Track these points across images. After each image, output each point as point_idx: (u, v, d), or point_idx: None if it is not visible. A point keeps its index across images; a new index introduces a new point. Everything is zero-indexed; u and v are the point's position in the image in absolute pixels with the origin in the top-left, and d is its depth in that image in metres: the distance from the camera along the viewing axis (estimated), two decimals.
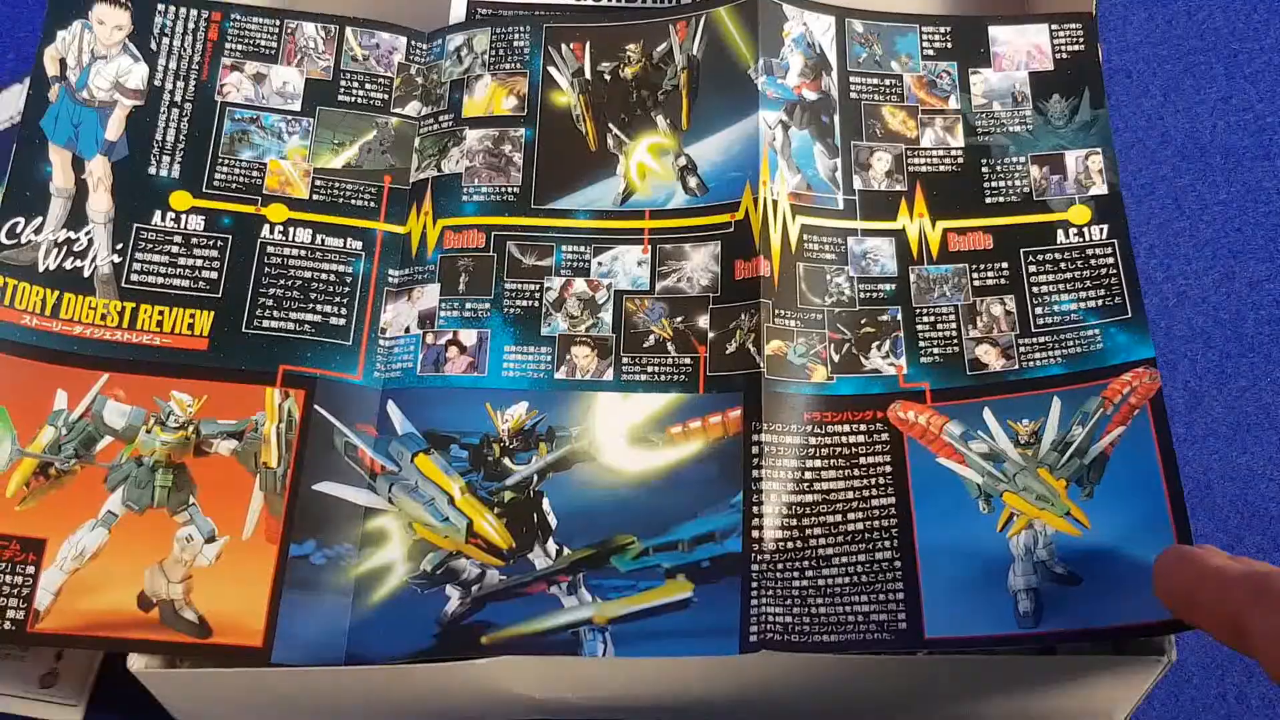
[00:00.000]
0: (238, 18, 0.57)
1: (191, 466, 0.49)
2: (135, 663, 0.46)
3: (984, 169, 0.55)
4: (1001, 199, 0.54)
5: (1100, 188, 0.53)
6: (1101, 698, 0.48)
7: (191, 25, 0.57)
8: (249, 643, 0.46)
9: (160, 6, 0.57)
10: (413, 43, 0.59)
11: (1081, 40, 0.57)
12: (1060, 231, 0.53)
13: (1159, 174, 0.66)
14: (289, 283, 0.53)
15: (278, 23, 0.57)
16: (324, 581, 0.48)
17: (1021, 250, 0.53)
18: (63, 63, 0.54)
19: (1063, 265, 0.52)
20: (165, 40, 0.56)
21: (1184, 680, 0.55)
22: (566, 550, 0.48)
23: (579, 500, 0.49)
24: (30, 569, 0.46)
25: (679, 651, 0.46)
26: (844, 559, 0.47)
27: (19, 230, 0.51)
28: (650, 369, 0.52)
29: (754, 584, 0.47)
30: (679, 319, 0.52)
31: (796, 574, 0.47)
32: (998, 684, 0.48)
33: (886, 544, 0.47)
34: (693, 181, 0.55)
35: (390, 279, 0.54)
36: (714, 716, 0.51)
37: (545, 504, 0.49)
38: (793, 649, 0.46)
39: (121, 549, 0.47)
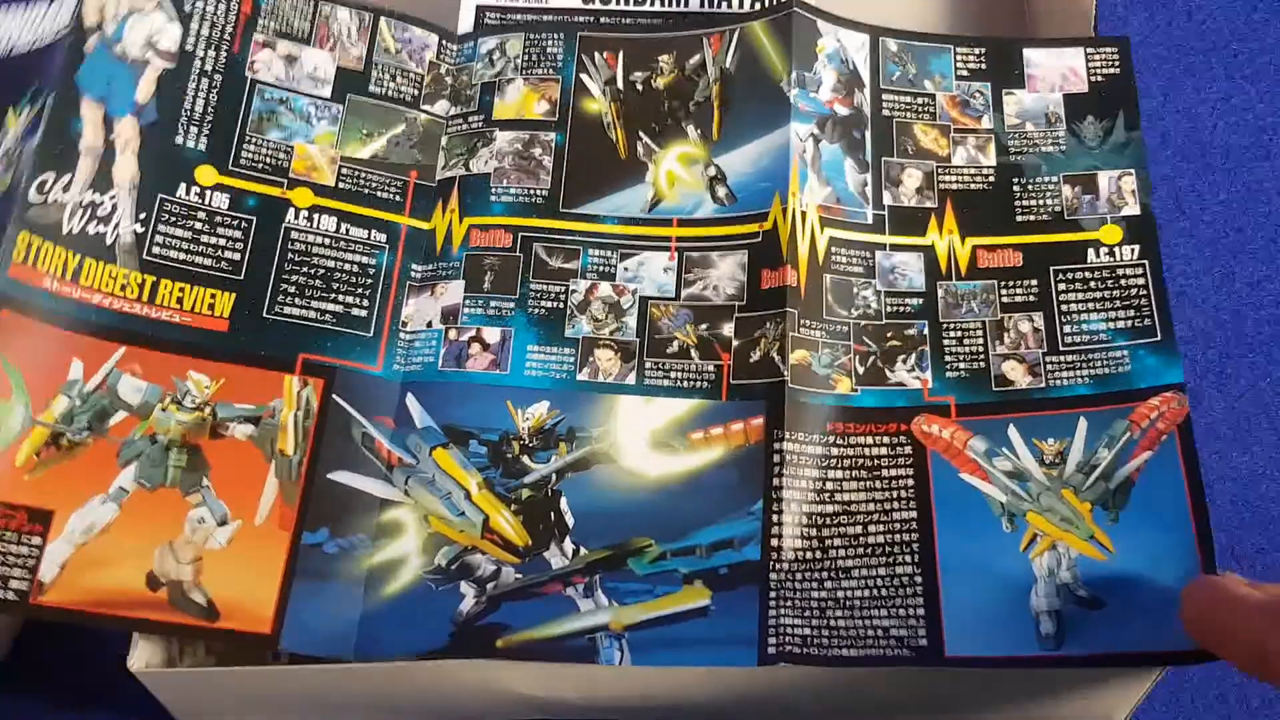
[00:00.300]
0: None
1: (206, 448, 0.48)
2: (135, 661, 0.45)
3: (1015, 188, 0.55)
4: (1032, 217, 0.54)
5: (1133, 208, 0.53)
6: (1101, 698, 0.48)
7: None
8: (257, 629, 0.45)
9: None
10: (444, 42, 0.59)
11: (1117, 64, 0.57)
12: (1091, 250, 0.52)
13: (1159, 174, 0.66)
14: (312, 271, 0.53)
15: (312, 5, 0.57)
16: (336, 571, 0.47)
17: (1051, 268, 0.52)
18: (102, 11, 0.54)
19: (1092, 284, 0.52)
20: (200, 4, 0.55)
21: (1184, 680, 0.54)
22: (583, 550, 0.48)
23: (597, 501, 0.49)
24: (37, 540, 0.45)
25: (696, 661, 0.45)
26: (864, 571, 0.47)
27: (47, 187, 0.50)
28: (673, 374, 0.51)
29: (772, 593, 0.46)
30: (703, 326, 0.52)
31: (815, 585, 0.46)
32: (998, 685, 0.47)
33: (907, 558, 0.47)
34: (721, 191, 0.55)
35: (413, 273, 0.54)
36: (717, 717, 0.51)
37: (563, 503, 0.49)
38: (811, 662, 0.45)
39: (131, 526, 0.46)
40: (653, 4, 0.62)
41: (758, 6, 0.61)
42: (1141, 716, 0.51)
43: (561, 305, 0.53)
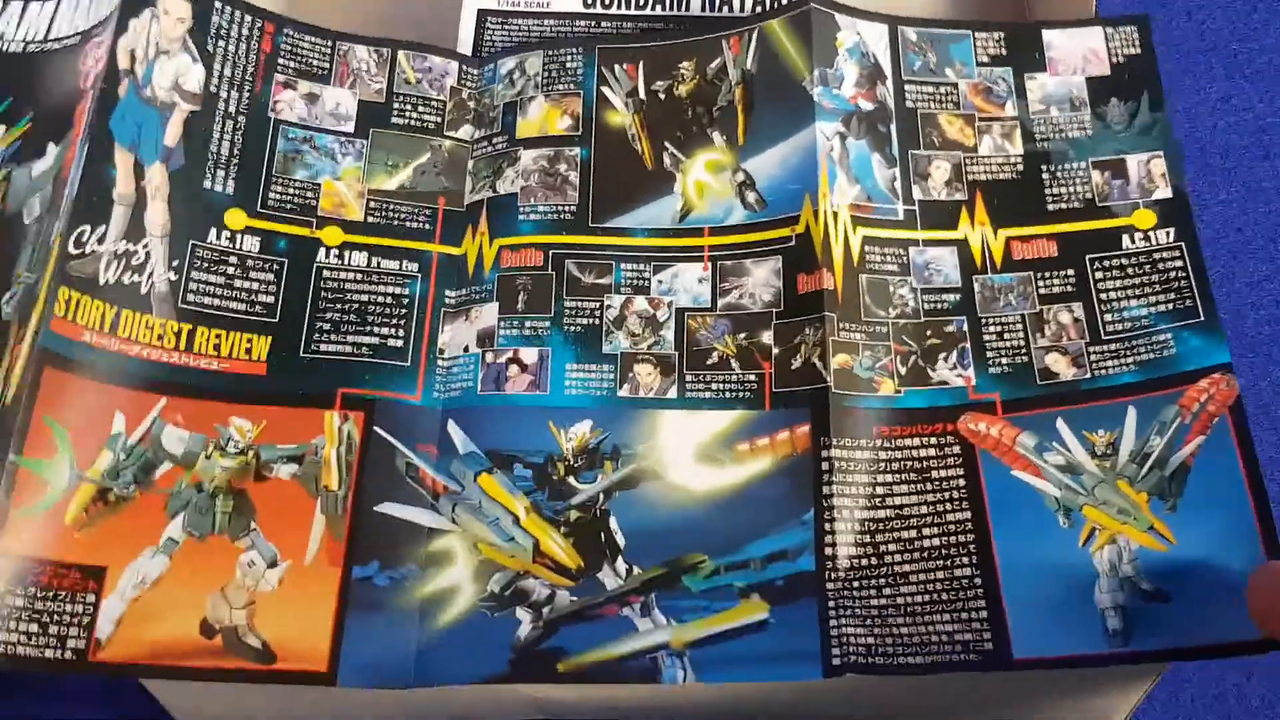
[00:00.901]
0: (290, 33, 0.57)
1: (252, 491, 0.48)
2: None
3: (1044, 175, 0.54)
4: (1064, 205, 0.53)
5: (1164, 191, 0.52)
6: (1101, 698, 0.48)
7: (245, 31, 0.56)
8: (314, 667, 0.45)
9: (217, 5, 0.56)
10: (464, 68, 0.58)
11: (1137, 43, 0.56)
12: (1125, 237, 0.52)
13: None
14: (346, 306, 0.52)
15: (330, 44, 0.57)
16: (389, 603, 0.47)
17: (1087, 257, 0.52)
18: (132, 54, 0.54)
19: (1130, 271, 0.51)
20: (221, 44, 0.55)
21: (1184, 680, 0.55)
22: (636, 570, 0.47)
23: (647, 519, 0.48)
24: (91, 597, 0.45)
25: (761, 677, 0.45)
26: (922, 576, 0.46)
27: (85, 239, 0.50)
28: (715, 386, 0.51)
29: (831, 603, 0.45)
30: (742, 335, 0.52)
31: (873, 592, 0.46)
32: (998, 684, 0.47)
33: (965, 560, 0.46)
34: (751, 197, 0.54)
35: (447, 299, 0.53)
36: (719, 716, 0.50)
37: (612, 523, 0.48)
38: (878, 672, 0.44)
39: (183, 576, 0.46)
40: (654, 8, 0.62)
41: (770, 7, 0.61)
42: (1141, 716, 0.52)
43: (597, 322, 0.52)
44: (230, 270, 0.52)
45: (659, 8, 0.62)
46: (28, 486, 0.45)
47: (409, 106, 0.57)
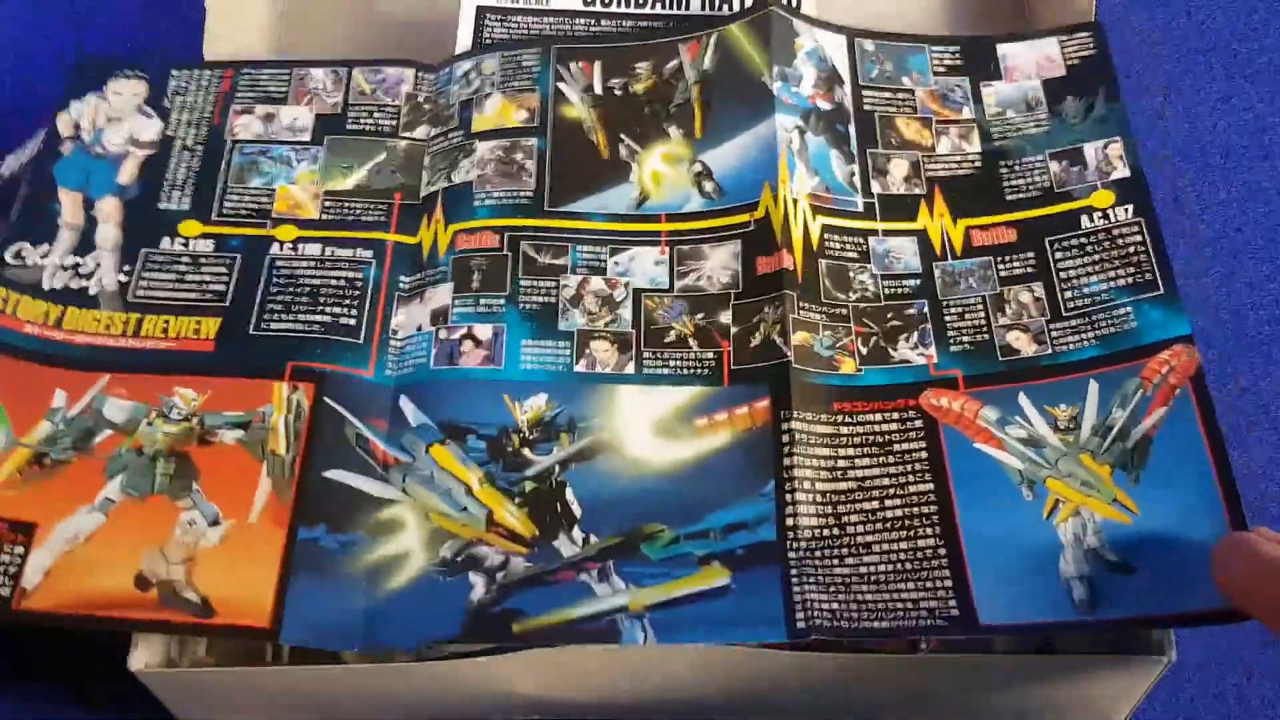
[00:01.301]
0: (250, 71, 0.58)
1: (195, 455, 0.47)
2: (135, 662, 0.43)
3: (1003, 169, 0.54)
4: (1023, 195, 0.54)
5: (1122, 171, 0.53)
6: (1101, 698, 0.47)
7: (204, 84, 0.57)
8: (256, 623, 0.43)
9: (175, 71, 0.57)
10: (420, 74, 0.59)
11: (1092, 47, 0.57)
12: (1085, 217, 0.52)
13: (1159, 174, 0.66)
14: (298, 290, 0.52)
15: (287, 71, 0.58)
16: (335, 566, 0.45)
17: (1046, 239, 0.52)
18: (76, 125, 0.54)
19: (1089, 249, 0.51)
20: (179, 99, 0.57)
21: (1184, 680, 0.53)
22: (594, 538, 0.46)
23: (605, 490, 0.47)
24: (20, 549, 0.43)
25: (724, 638, 0.43)
26: (885, 546, 0.45)
27: (24, 254, 0.50)
28: (672, 363, 0.50)
29: (794, 571, 0.44)
30: (700, 316, 0.51)
31: (836, 561, 0.45)
32: (998, 683, 0.46)
33: (928, 530, 0.45)
34: (709, 186, 0.54)
35: (401, 285, 0.53)
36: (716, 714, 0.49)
37: (569, 493, 0.47)
38: (843, 635, 0.43)
39: (118, 532, 0.44)
40: (654, 6, 0.63)
41: (737, 7, 0.62)
42: (1141, 716, 0.51)
43: (553, 300, 0.52)
44: (182, 268, 0.52)
45: (659, 6, 0.63)
46: None
47: (364, 113, 0.57)
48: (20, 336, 0.48)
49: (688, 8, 0.63)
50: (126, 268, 0.51)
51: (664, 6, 0.63)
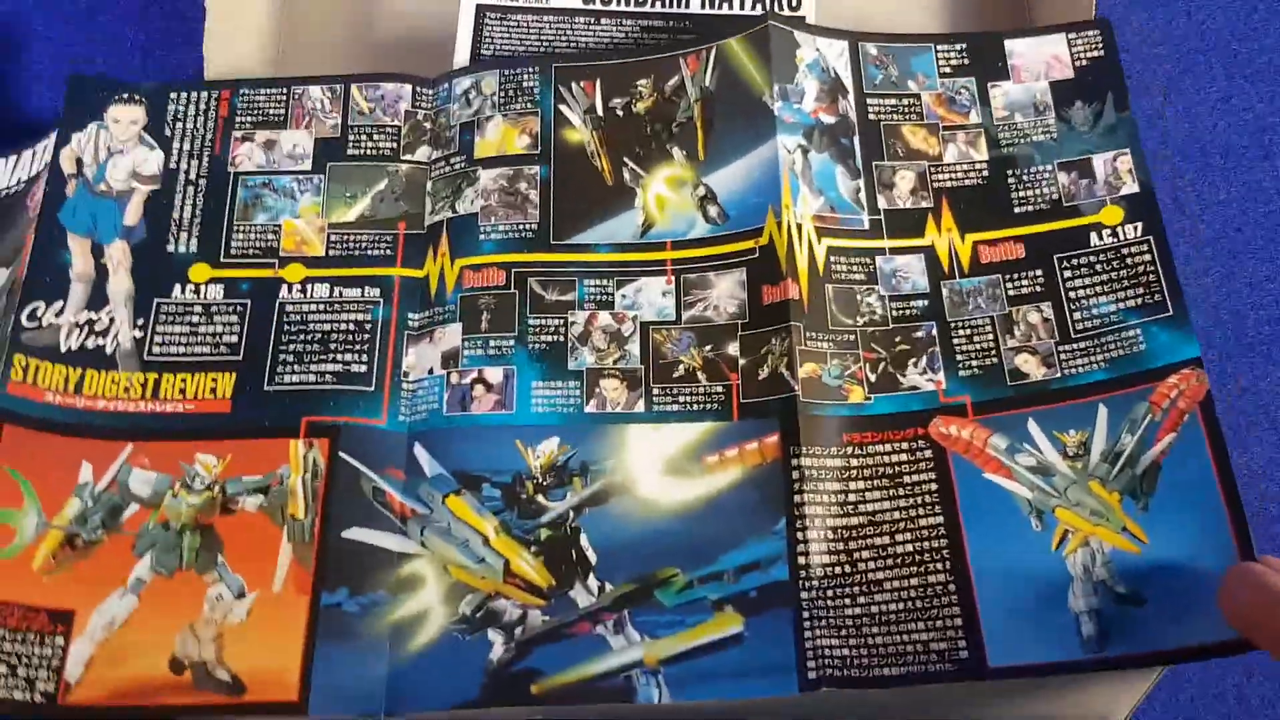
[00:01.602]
0: (246, 91, 0.57)
1: (219, 526, 0.47)
2: None
3: (1010, 179, 0.54)
4: (1031, 208, 0.53)
5: (1131, 187, 0.52)
6: (1101, 698, 0.47)
7: (203, 106, 0.57)
8: (284, 697, 0.44)
9: (173, 94, 0.57)
10: (418, 89, 0.58)
11: (1101, 46, 0.56)
12: (1094, 234, 0.52)
13: (1159, 174, 0.66)
14: (308, 337, 0.52)
15: (284, 90, 0.57)
16: (358, 630, 0.46)
17: (1055, 256, 0.52)
18: (79, 161, 0.54)
19: (1098, 268, 0.51)
20: (179, 125, 0.57)
21: (1184, 680, 0.54)
22: (609, 586, 0.47)
23: (618, 534, 0.48)
24: (60, 640, 0.44)
25: (736, 693, 0.44)
26: (896, 584, 0.46)
27: (39, 314, 0.51)
28: (682, 399, 0.50)
29: (806, 614, 0.45)
30: (708, 348, 0.51)
31: (848, 601, 0.45)
32: (997, 684, 0.46)
33: (939, 566, 0.46)
34: (713, 210, 0.54)
35: (410, 322, 0.53)
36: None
37: (583, 540, 0.48)
38: (854, 685, 0.44)
39: (152, 614, 0.45)
40: (654, 5, 0.62)
41: (770, 8, 0.61)
42: (1141, 716, 0.51)
43: (562, 338, 0.52)
44: (195, 319, 0.52)
45: (659, 5, 0.62)
46: None
47: (364, 136, 0.57)
48: (41, 407, 0.49)
49: (687, 6, 0.62)
50: (140, 321, 0.52)
51: (664, 5, 0.62)
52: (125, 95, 0.56)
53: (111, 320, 0.51)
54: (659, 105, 0.57)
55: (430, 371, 0.52)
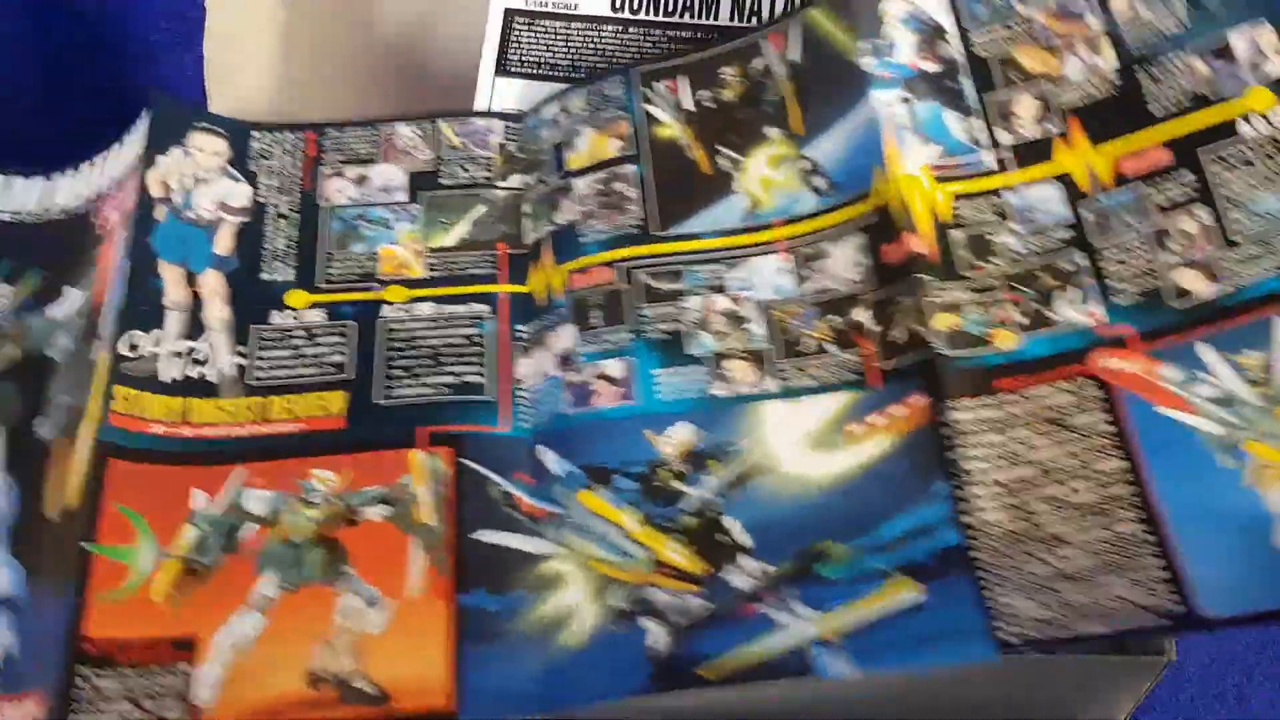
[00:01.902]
0: (334, 132, 0.57)
1: (343, 537, 0.45)
2: None
3: (1142, 80, 0.49)
4: (1169, 107, 0.48)
5: (1276, 65, 0.47)
6: (1101, 698, 0.46)
7: (289, 146, 0.57)
8: (435, 704, 0.41)
9: (256, 134, 0.57)
10: (509, 124, 0.57)
11: None
12: (1243, 124, 0.47)
13: None
14: (418, 352, 0.50)
15: (374, 130, 0.57)
16: (503, 629, 0.44)
17: (1202, 154, 0.47)
18: (166, 185, 0.54)
19: (1254, 160, 0.46)
20: (265, 161, 0.56)
21: (1184, 680, 0.53)
22: (768, 565, 0.43)
23: (768, 514, 0.44)
24: (183, 666, 0.42)
25: (927, 659, 0.40)
26: (1081, 537, 0.41)
27: (138, 343, 0.50)
28: (813, 372, 0.47)
29: (986, 576, 0.41)
30: (834, 318, 0.48)
31: (1029, 558, 0.41)
32: (998, 683, 0.44)
33: (1127, 514, 0.41)
34: (819, 181, 0.52)
35: (520, 334, 0.51)
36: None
37: (731, 522, 0.44)
38: (1058, 648, 0.39)
39: (282, 631, 0.43)
40: (682, 15, 0.61)
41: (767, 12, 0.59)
42: (1142, 716, 0.49)
43: (679, 326, 0.49)
44: (298, 342, 0.51)
45: (688, 15, 0.61)
46: (109, 572, 0.44)
47: (458, 167, 0.56)
48: (149, 439, 0.48)
49: (716, 16, 0.61)
50: (241, 348, 0.50)
51: (693, 16, 0.61)
52: (206, 125, 0.56)
53: (210, 347, 0.50)
54: (748, 90, 0.55)
55: (545, 375, 0.49)
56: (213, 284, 0.52)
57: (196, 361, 0.50)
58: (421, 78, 0.64)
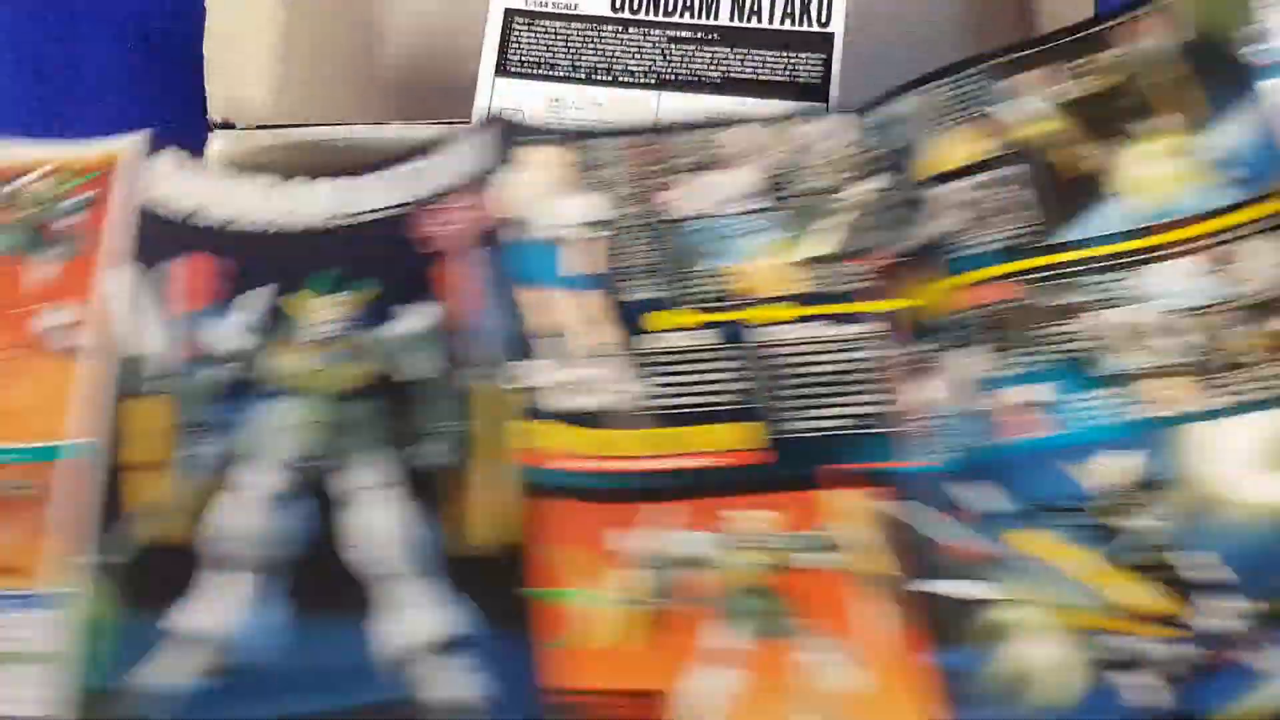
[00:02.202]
0: (653, 138, 0.56)
1: (784, 585, 0.44)
2: None
3: None
4: None
5: None
6: None
7: (619, 153, 0.56)
8: None
9: (589, 143, 0.56)
10: (860, 122, 0.55)
11: None
12: None
13: None
14: (808, 380, 0.49)
15: (707, 136, 0.55)
16: (976, 690, 0.42)
17: None
18: (509, 205, 0.54)
19: None
20: (606, 172, 0.55)
21: None
22: (1242, 604, 0.40)
23: (1232, 546, 0.42)
24: None
25: None
26: None
27: (517, 376, 0.50)
28: (1253, 385, 0.44)
29: None
30: (1272, 324, 0.45)
31: None
32: None
33: None
34: (1226, 175, 0.48)
35: (913, 358, 0.49)
36: None
37: (1195, 557, 0.42)
38: None
39: (751, 689, 0.42)
40: (682, 15, 0.61)
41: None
42: None
43: (1088, 343, 0.47)
44: (683, 368, 0.50)
45: (688, 15, 0.61)
46: (553, 619, 0.44)
47: (809, 173, 0.54)
48: (556, 474, 0.47)
49: (717, 16, 0.60)
50: (630, 374, 0.50)
51: (693, 16, 0.61)
52: (538, 137, 0.56)
53: (594, 376, 0.50)
54: (1126, 80, 0.51)
55: (947, 403, 0.48)
56: (584, 306, 0.52)
57: (582, 391, 0.49)
58: (421, 78, 0.65)
